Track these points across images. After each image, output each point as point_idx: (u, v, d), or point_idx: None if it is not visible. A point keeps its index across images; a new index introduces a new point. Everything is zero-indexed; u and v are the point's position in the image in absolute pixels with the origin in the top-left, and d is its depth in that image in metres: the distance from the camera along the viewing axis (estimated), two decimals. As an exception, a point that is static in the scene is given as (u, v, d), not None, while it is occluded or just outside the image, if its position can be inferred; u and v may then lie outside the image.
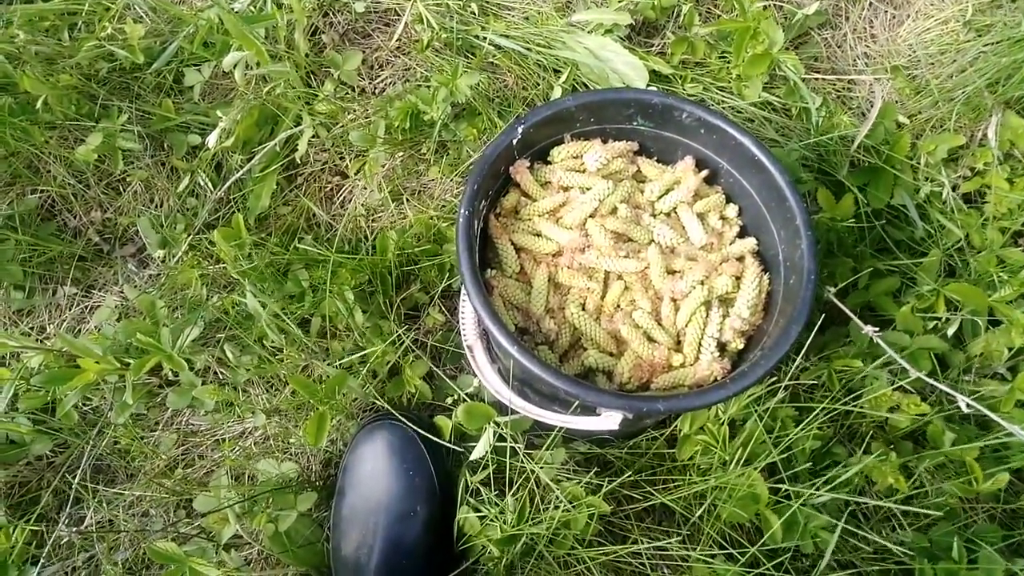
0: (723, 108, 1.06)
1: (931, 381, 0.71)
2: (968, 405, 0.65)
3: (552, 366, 0.66)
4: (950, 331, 0.86)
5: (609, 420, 0.67)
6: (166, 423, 0.91)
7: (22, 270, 0.92)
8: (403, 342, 0.89)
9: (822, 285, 0.80)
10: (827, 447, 0.82)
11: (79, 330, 0.97)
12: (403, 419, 0.83)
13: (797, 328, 0.68)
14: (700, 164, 0.82)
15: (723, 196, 0.82)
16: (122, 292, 0.97)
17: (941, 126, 1.00)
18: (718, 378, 0.72)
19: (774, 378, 0.78)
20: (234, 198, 1.02)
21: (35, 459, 0.90)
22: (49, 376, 0.78)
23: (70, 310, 0.97)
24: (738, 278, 0.76)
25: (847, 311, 0.76)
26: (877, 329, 0.71)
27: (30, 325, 0.96)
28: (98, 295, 0.98)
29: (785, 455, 0.76)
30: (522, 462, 0.77)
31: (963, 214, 0.93)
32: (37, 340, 0.94)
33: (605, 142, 0.83)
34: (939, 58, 1.09)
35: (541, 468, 0.76)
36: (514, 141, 0.77)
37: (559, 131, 0.82)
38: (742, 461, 0.72)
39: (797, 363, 0.84)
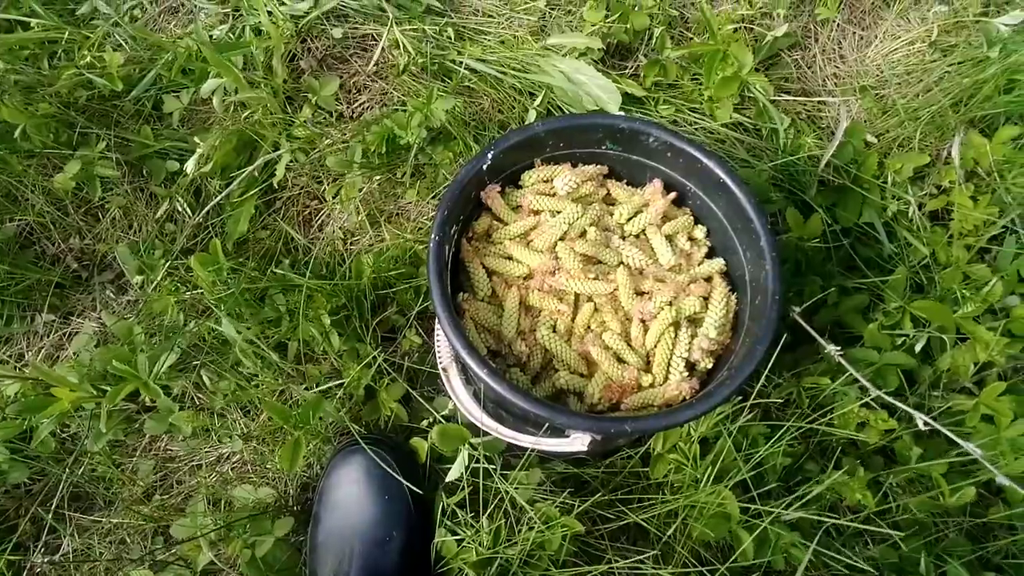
0: (695, 129, 1.08)
1: (891, 400, 0.72)
2: (925, 423, 0.66)
3: (522, 388, 0.67)
4: (917, 347, 0.87)
5: (578, 442, 0.68)
6: (143, 449, 0.92)
7: (0, 299, 0.93)
8: (379, 365, 0.89)
9: (790, 304, 0.81)
10: (799, 463, 0.83)
11: (57, 356, 0.97)
12: (378, 443, 0.84)
13: (762, 348, 0.69)
14: (668, 187, 0.84)
15: (691, 218, 0.84)
16: (100, 318, 0.97)
17: (908, 145, 1.02)
18: (687, 398, 0.73)
19: (741, 396, 0.79)
20: (212, 223, 1.03)
21: (12, 487, 0.90)
22: (24, 405, 0.78)
23: (48, 337, 0.97)
24: (706, 298, 0.78)
25: (812, 332, 0.77)
26: (840, 349, 0.72)
27: (8, 352, 0.96)
28: (76, 322, 0.98)
29: (756, 472, 0.77)
30: (497, 483, 0.77)
31: (929, 232, 0.95)
32: (15, 368, 0.94)
33: (575, 166, 0.84)
34: (906, 78, 1.11)
35: (516, 489, 0.77)
36: (484, 167, 0.79)
37: (529, 156, 0.83)
38: (712, 479, 0.73)
39: (768, 380, 0.85)
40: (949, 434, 0.67)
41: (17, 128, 0.96)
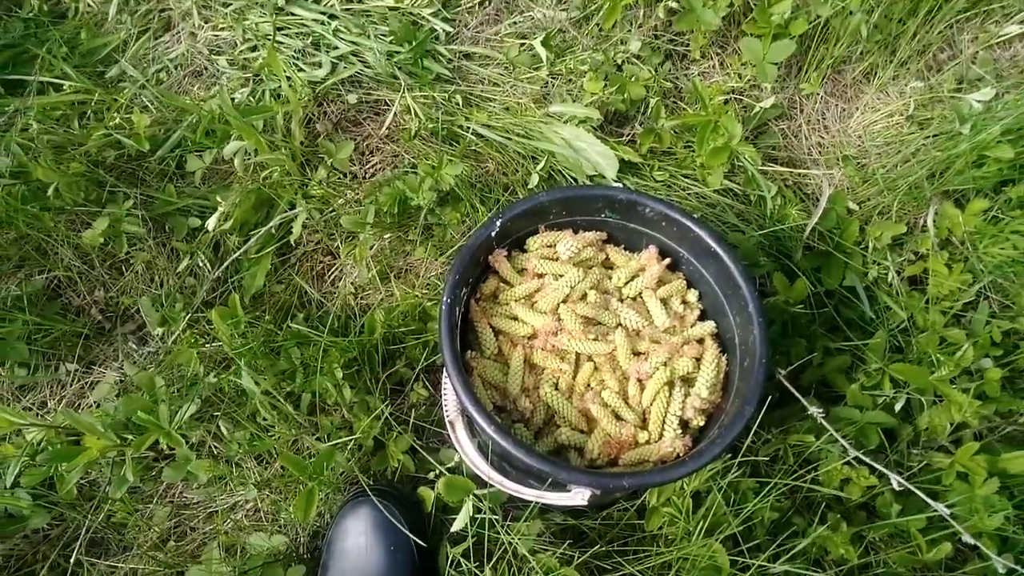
0: (688, 194, 1.15)
1: (867, 460, 0.77)
2: (899, 483, 0.71)
3: (525, 443, 0.71)
4: (897, 407, 0.92)
5: (578, 496, 0.72)
6: (160, 496, 0.95)
7: (27, 348, 0.98)
8: (388, 418, 0.94)
9: (776, 366, 0.87)
10: (786, 517, 0.87)
11: (79, 405, 1.01)
12: (386, 494, 0.88)
13: (750, 408, 0.74)
14: (663, 253, 0.90)
15: (684, 282, 0.90)
16: (121, 368, 1.02)
17: (887, 213, 1.09)
18: (680, 454, 0.78)
19: (730, 454, 0.84)
20: (231, 278, 1.08)
21: (31, 532, 0.93)
22: (54, 454, 0.82)
23: (71, 386, 1.02)
24: (698, 359, 0.83)
25: (796, 394, 0.82)
26: (822, 412, 0.77)
27: (32, 400, 1.01)
28: (98, 371, 1.03)
29: (746, 526, 0.82)
30: (500, 534, 0.81)
31: (908, 296, 1.01)
32: (38, 415, 0.98)
33: (576, 232, 0.90)
34: (885, 149, 1.19)
35: (518, 540, 0.81)
36: (493, 233, 0.85)
37: (534, 223, 0.90)
38: (704, 531, 0.77)
39: (758, 437, 0.90)
40: (920, 494, 0.72)
41: (50, 187, 1.02)
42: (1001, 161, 1.00)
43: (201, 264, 1.07)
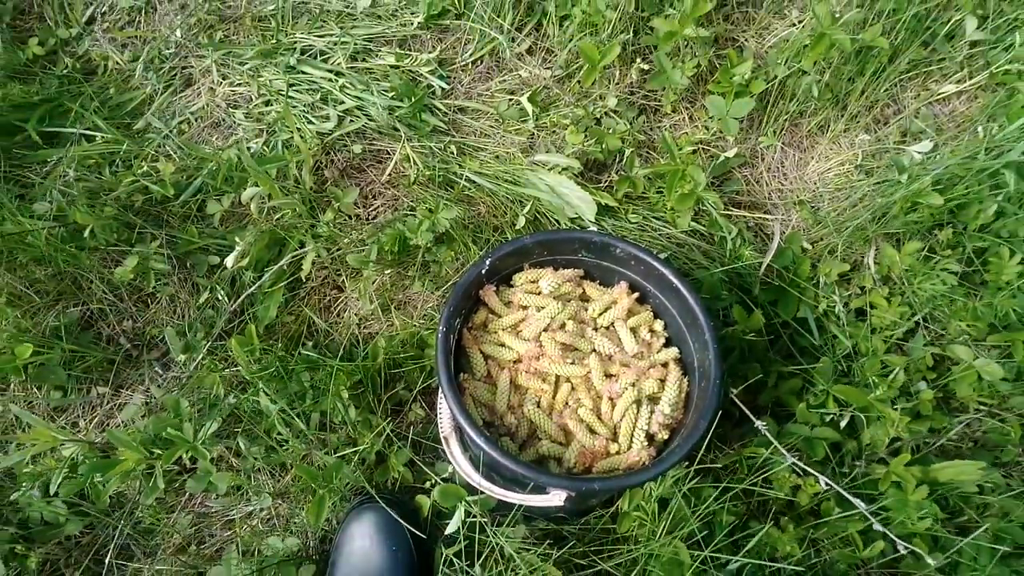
0: (659, 235, 1.28)
1: (810, 470, 0.89)
2: (826, 483, 0.82)
3: (512, 454, 0.83)
4: (843, 423, 1.04)
5: (556, 497, 0.83)
6: (182, 506, 1.06)
7: (65, 373, 1.08)
8: (389, 434, 1.05)
9: (732, 386, 0.98)
10: (743, 522, 0.98)
11: (107, 425, 1.12)
12: (388, 502, 0.99)
13: (705, 422, 0.86)
14: (632, 287, 1.02)
15: (651, 313, 1.02)
16: (148, 392, 1.13)
17: (835, 252, 1.22)
18: (646, 463, 0.89)
19: (688, 461, 0.95)
20: (246, 310, 1.20)
21: (65, 539, 1.03)
22: (93, 465, 0.93)
23: (101, 407, 1.12)
24: (663, 381, 0.95)
25: (745, 409, 0.94)
26: (764, 424, 0.89)
27: (65, 421, 1.11)
28: (126, 394, 1.14)
29: (708, 531, 0.93)
30: (489, 537, 0.92)
31: (852, 326, 1.13)
32: (72, 434, 1.09)
33: (556, 269, 1.03)
34: (836, 194, 1.32)
35: (505, 540, 0.91)
36: (483, 271, 0.97)
37: (520, 261, 1.02)
38: (667, 531, 0.88)
39: (719, 450, 1.01)
40: (850, 497, 0.83)
41: (86, 228, 1.14)
42: (932, 207, 1.13)
43: (220, 298, 1.18)
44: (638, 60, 1.37)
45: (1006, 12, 1.32)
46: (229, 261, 1.19)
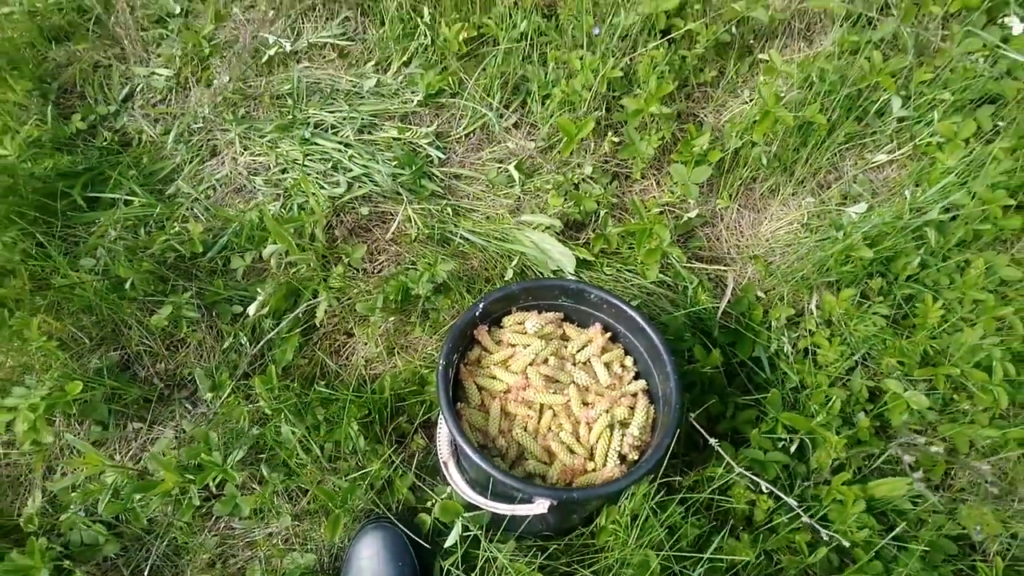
0: (631, 285, 1.45)
1: (752, 477, 1.03)
2: (768, 488, 0.97)
3: (504, 470, 0.97)
4: (792, 448, 1.19)
5: (539, 506, 0.97)
6: (209, 528, 1.18)
7: (107, 408, 1.22)
8: (393, 461, 1.19)
9: (689, 414, 1.14)
10: (707, 535, 1.12)
11: (141, 458, 1.25)
12: (393, 521, 1.12)
13: (668, 441, 1.01)
14: (606, 328, 1.18)
15: (622, 351, 1.18)
16: (178, 426, 1.26)
17: (784, 299, 1.39)
18: (618, 477, 1.03)
19: (653, 476, 1.09)
20: (265, 353, 1.35)
21: (103, 560, 1.15)
22: (136, 486, 1.06)
23: (136, 441, 1.25)
24: (632, 408, 1.10)
25: (703, 432, 1.09)
26: (717, 442, 1.04)
27: (103, 453, 1.24)
28: (158, 429, 1.27)
29: (676, 544, 1.06)
30: (483, 548, 1.05)
31: (800, 364, 1.29)
32: (113, 460, 1.22)
33: (540, 312, 1.19)
34: (786, 249, 1.51)
35: (497, 551, 1.05)
36: (477, 314, 1.13)
37: (508, 306, 1.18)
38: (637, 538, 1.02)
39: (684, 473, 1.16)
40: (792, 502, 0.98)
41: (127, 281, 1.30)
42: (863, 260, 1.31)
43: (242, 343, 1.33)
44: (610, 134, 1.57)
45: (925, 93, 1.53)
46: (251, 310, 1.34)
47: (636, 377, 1.16)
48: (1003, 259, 1.34)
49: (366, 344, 1.38)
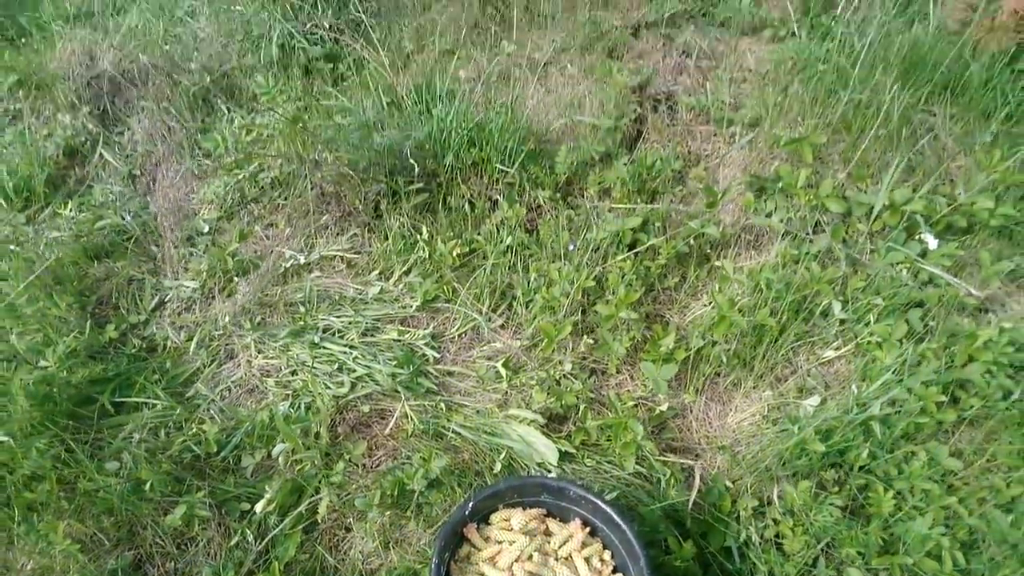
0: (610, 476, 1.57)
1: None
2: None
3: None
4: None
5: None
6: None
7: (118, 609, 1.30)
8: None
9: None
10: None
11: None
12: None
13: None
14: (585, 523, 1.30)
15: (601, 545, 1.29)
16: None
17: (750, 490, 1.51)
18: (598, 674, 1.11)
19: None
20: (269, 550, 1.44)
21: None
22: None
23: (141, 640, 1.31)
24: (610, 602, 1.19)
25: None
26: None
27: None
28: (163, 628, 1.34)
29: None
30: None
31: (768, 554, 1.39)
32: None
33: (524, 509, 1.31)
34: (750, 440, 1.65)
35: None
36: (466, 513, 1.25)
37: (495, 503, 1.30)
38: None
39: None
40: None
41: (147, 483, 1.42)
42: (816, 452, 1.45)
43: (248, 540, 1.43)
44: (585, 336, 1.77)
45: (860, 298, 1.75)
46: (259, 507, 1.45)
47: (614, 571, 1.26)
48: (944, 450, 1.48)
49: (364, 539, 1.47)
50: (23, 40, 2.52)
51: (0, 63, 2.30)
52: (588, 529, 1.29)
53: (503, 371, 1.74)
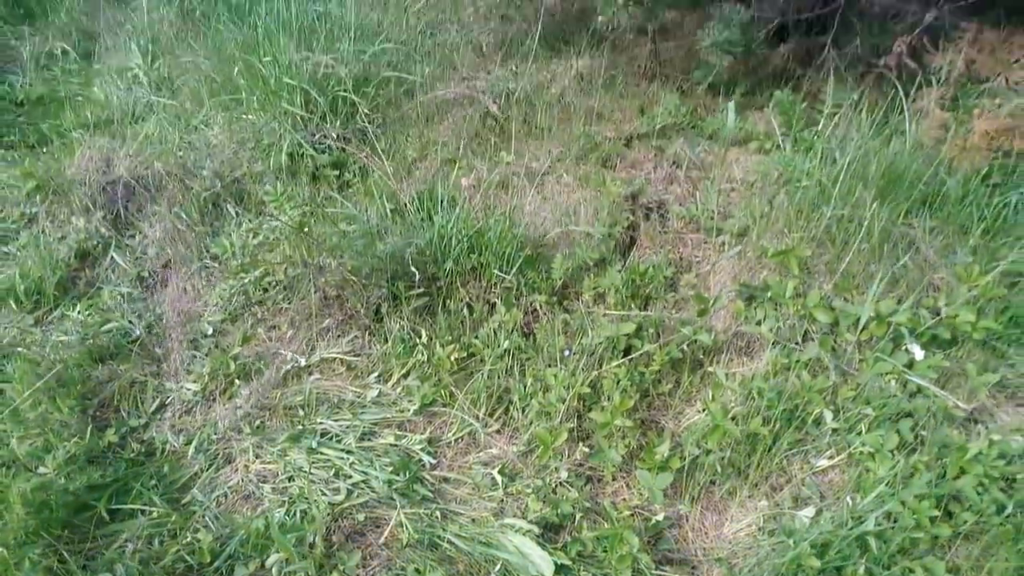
0: (606, 591, 1.55)
1: None
2: None
3: None
4: None
5: None
6: None
7: None
8: None
9: None
10: None
11: None
12: None
13: None
14: (580, 645, 1.28)
15: (596, 668, 1.27)
16: None
17: (748, 605, 1.50)
18: None
19: None
20: (259, 667, 1.41)
21: None
22: None
23: None
24: None
25: None
26: None
27: None
28: None
29: None
30: None
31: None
32: None
33: (519, 630, 1.29)
34: (747, 551, 1.64)
35: None
36: (460, 633, 1.24)
37: (489, 623, 1.29)
38: None
39: None
40: None
41: (141, 598, 1.41)
42: (812, 568, 1.44)
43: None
44: (580, 443, 1.78)
45: (851, 408, 1.78)
46: (249, 623, 1.43)
47: None
48: (941, 566, 1.48)
49: (355, 657, 1.45)
50: (44, 148, 2.64)
51: (21, 169, 2.41)
52: (583, 650, 1.27)
53: (499, 478, 1.75)
